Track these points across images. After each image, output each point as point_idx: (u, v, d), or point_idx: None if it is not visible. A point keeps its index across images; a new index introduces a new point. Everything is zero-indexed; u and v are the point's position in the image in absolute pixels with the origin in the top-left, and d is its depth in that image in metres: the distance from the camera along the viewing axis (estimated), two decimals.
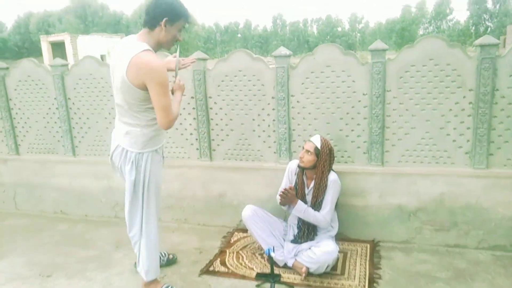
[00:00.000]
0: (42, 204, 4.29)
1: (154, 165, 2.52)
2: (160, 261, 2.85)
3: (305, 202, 2.99)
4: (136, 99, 2.33)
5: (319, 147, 2.93)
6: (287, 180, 3.13)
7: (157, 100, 2.25)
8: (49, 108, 4.07)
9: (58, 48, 30.04)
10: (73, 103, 3.98)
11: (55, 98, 4.00)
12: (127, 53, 2.26)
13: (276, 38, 69.70)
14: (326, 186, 2.93)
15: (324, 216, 2.93)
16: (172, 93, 2.52)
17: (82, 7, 52.78)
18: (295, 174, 3.09)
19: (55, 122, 4.09)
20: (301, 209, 2.94)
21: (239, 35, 71.46)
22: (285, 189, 2.94)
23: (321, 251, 2.79)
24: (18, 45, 49.79)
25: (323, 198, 2.94)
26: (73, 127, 4.05)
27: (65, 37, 29.77)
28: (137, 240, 2.62)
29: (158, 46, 2.38)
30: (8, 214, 4.34)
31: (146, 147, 2.47)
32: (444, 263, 2.96)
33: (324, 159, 2.93)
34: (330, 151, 2.97)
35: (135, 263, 2.72)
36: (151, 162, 2.50)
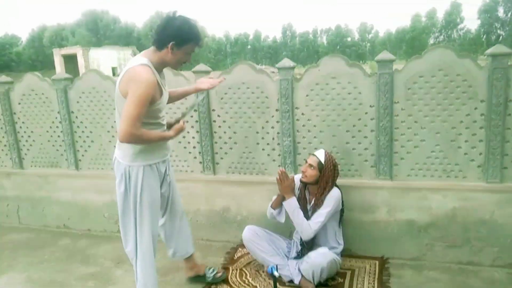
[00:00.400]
0: (45, 218, 4.24)
1: (148, 180, 2.43)
2: (205, 277, 2.94)
3: (308, 218, 2.88)
4: (121, 107, 2.29)
5: (322, 162, 2.83)
6: None
7: (125, 108, 2.17)
8: (53, 122, 4.05)
9: (71, 61, 30.57)
10: (76, 117, 3.95)
11: (58, 112, 3.98)
12: (126, 66, 2.28)
13: (285, 49, 69.98)
14: (323, 201, 2.82)
15: (311, 225, 2.77)
16: (169, 127, 2.46)
17: (94, 20, 53.73)
18: (298, 189, 2.99)
19: (59, 136, 4.06)
20: (292, 206, 2.82)
21: (249, 47, 71.87)
22: (283, 171, 2.81)
23: (315, 253, 2.70)
24: (32, 58, 50.79)
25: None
26: (76, 141, 4.01)
27: (77, 50, 30.31)
28: (133, 256, 2.55)
29: (163, 65, 2.36)
30: (12, 228, 4.29)
31: (136, 160, 2.40)
32: (457, 282, 2.82)
33: (327, 175, 2.83)
34: (335, 167, 2.86)
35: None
36: (144, 177, 2.41)
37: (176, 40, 2.23)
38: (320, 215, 2.79)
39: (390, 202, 3.12)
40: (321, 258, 2.66)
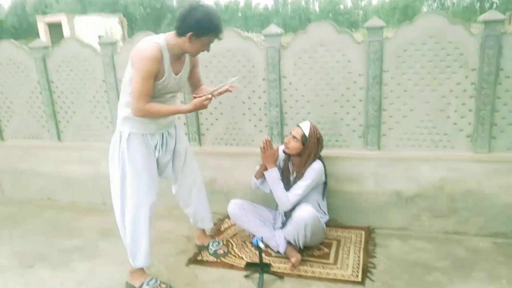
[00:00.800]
0: (28, 190, 4.16)
1: (135, 150, 2.46)
2: (208, 249, 2.93)
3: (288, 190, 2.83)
4: (126, 77, 2.39)
5: (306, 134, 2.76)
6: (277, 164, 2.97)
7: (133, 84, 2.29)
8: (32, 92, 3.90)
9: (55, 29, 29.56)
10: (57, 87, 3.81)
11: (37, 82, 3.83)
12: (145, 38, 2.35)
13: (277, 16, 68.58)
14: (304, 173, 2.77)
15: (289, 197, 2.73)
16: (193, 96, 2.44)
17: None
18: (283, 160, 2.94)
19: (39, 107, 3.93)
20: (273, 176, 2.77)
21: (239, 14, 70.31)
22: (267, 140, 2.74)
23: (299, 209, 2.66)
24: (15, 27, 49.09)
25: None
26: (58, 112, 3.89)
27: (61, 18, 29.27)
28: (122, 224, 2.56)
29: (181, 51, 2.37)
30: None
31: (124, 125, 2.45)
32: (442, 251, 2.84)
33: (310, 148, 2.76)
34: (318, 140, 2.79)
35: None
36: (131, 145, 2.45)
37: (195, 31, 2.25)
38: (299, 188, 2.74)
39: (378, 172, 3.08)
40: (304, 213, 2.61)
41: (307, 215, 2.61)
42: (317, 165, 2.77)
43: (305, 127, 2.78)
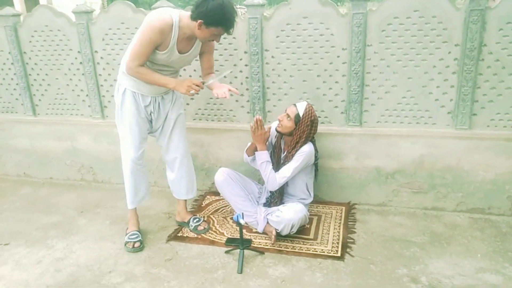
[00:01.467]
0: (3, 166, 4.05)
1: (125, 102, 2.62)
2: (189, 225, 2.94)
3: (279, 169, 2.81)
4: (136, 33, 2.47)
5: (300, 114, 2.68)
6: (268, 142, 2.92)
7: (132, 42, 2.44)
8: (4, 63, 3.73)
9: None
10: (30, 58, 3.64)
11: (9, 52, 3.65)
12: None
13: None
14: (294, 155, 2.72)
15: (277, 178, 2.71)
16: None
17: None
18: (275, 137, 2.88)
19: (12, 79, 3.77)
20: (262, 157, 2.72)
21: None
22: (259, 120, 2.67)
23: (287, 208, 2.65)
24: None
25: None
26: (32, 84, 3.73)
27: None
28: None
29: (191, 32, 2.39)
30: None
31: (122, 80, 2.61)
32: (421, 226, 2.88)
33: (302, 129, 2.68)
34: (312, 122, 2.70)
35: None
36: (124, 99, 2.61)
37: (205, 20, 2.28)
38: (287, 170, 2.71)
39: (359, 149, 3.07)
40: (293, 215, 2.61)
41: (296, 217, 2.61)
42: (307, 148, 2.71)
43: (301, 107, 2.70)
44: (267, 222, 2.75)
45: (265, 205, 2.89)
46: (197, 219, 2.95)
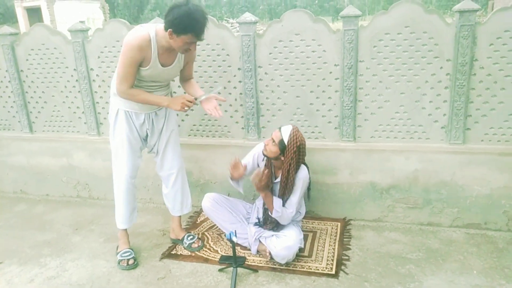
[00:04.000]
0: (1, 183, 4.05)
1: (119, 123, 2.63)
2: (183, 243, 2.92)
3: (271, 192, 2.79)
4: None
5: (285, 141, 2.59)
6: (252, 162, 2.89)
7: (117, 67, 2.45)
8: (1, 81, 3.77)
9: (35, 14, 28.79)
10: (27, 76, 3.68)
11: (6, 71, 3.69)
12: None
13: (263, 2, 67.90)
14: (293, 184, 2.65)
15: (290, 216, 2.70)
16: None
17: None
18: (262, 160, 2.83)
19: (9, 97, 3.80)
20: (277, 206, 2.64)
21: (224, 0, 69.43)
22: (267, 170, 2.61)
23: (281, 246, 2.58)
24: None
25: (290, 194, 2.70)
26: (29, 102, 3.76)
27: (41, 3, 28.46)
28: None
29: (169, 45, 2.39)
30: None
31: (114, 100, 2.64)
32: (416, 242, 2.85)
33: (290, 156, 2.59)
34: (299, 148, 2.60)
35: None
36: (117, 119, 2.63)
37: (174, 28, 2.27)
38: (293, 204, 2.67)
39: (353, 164, 3.07)
40: (287, 252, 2.57)
41: (290, 252, 2.59)
42: (302, 174, 2.66)
43: (285, 132, 2.61)
44: (260, 242, 2.72)
45: (256, 224, 2.86)
46: (191, 237, 2.93)
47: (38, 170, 3.89)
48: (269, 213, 2.73)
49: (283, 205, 2.70)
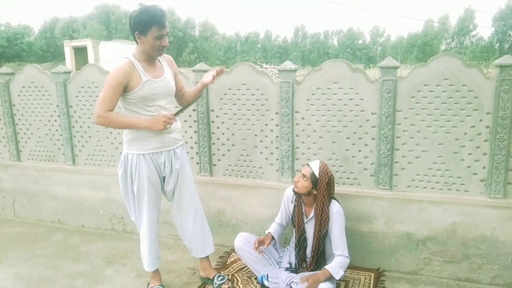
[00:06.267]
0: (40, 212, 4.21)
1: (141, 169, 2.61)
2: (213, 283, 2.90)
3: (304, 232, 2.79)
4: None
5: (316, 174, 2.67)
6: (284, 207, 2.92)
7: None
8: (51, 116, 4.01)
9: (81, 53, 30.66)
10: (75, 111, 3.90)
11: (57, 106, 3.93)
12: None
13: (296, 49, 69.70)
14: (328, 217, 2.67)
15: (344, 255, 2.68)
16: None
17: (106, 14, 53.88)
18: (292, 202, 2.87)
19: (57, 130, 4.02)
20: (335, 273, 2.61)
21: (259, 45, 71.74)
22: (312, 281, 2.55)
23: None
24: (43, 49, 51.02)
25: (327, 230, 2.70)
26: (74, 136, 3.97)
27: (87, 43, 30.35)
28: (138, 227, 2.84)
29: (146, 55, 2.50)
30: (7, 221, 4.27)
31: (130, 148, 2.63)
32: None
33: (323, 188, 2.66)
34: (330, 179, 2.69)
35: None
36: (137, 165, 2.61)
37: (139, 29, 2.39)
38: (341, 240, 2.68)
39: (389, 213, 3.03)
40: None
41: None
42: (335, 207, 2.70)
43: (315, 166, 2.71)
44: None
45: (287, 269, 2.83)
46: (222, 277, 2.92)
47: (77, 202, 4.02)
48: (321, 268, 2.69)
49: (322, 241, 2.71)
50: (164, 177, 2.74)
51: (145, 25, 2.37)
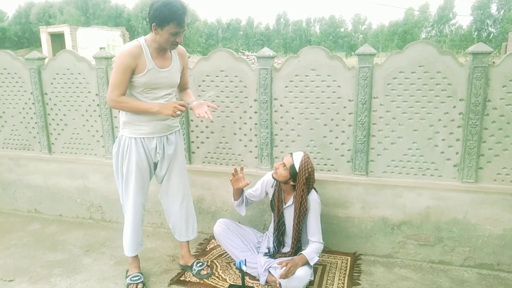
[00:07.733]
0: (16, 202, 4.13)
1: (131, 152, 2.64)
2: (192, 269, 2.93)
3: (282, 217, 2.82)
4: None
5: (296, 167, 2.67)
6: (261, 188, 2.96)
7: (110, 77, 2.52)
8: (25, 103, 3.91)
9: (58, 40, 29.89)
10: (50, 99, 3.82)
11: (31, 93, 3.84)
12: None
13: (278, 36, 69.44)
14: (306, 208, 2.71)
15: (319, 242, 2.75)
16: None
17: None
18: (272, 187, 2.90)
19: (31, 118, 3.93)
20: (310, 258, 2.68)
21: (241, 32, 71.17)
22: (290, 265, 2.61)
23: (291, 277, 2.58)
24: (18, 35, 49.44)
25: (305, 219, 2.75)
26: (50, 124, 3.89)
27: (64, 29, 29.57)
28: (123, 211, 2.83)
29: (158, 46, 2.50)
30: None
31: (124, 130, 2.66)
32: (427, 280, 2.81)
33: (301, 182, 2.67)
34: (310, 175, 2.69)
35: None
36: (128, 148, 2.64)
37: (156, 22, 2.37)
38: (316, 228, 2.75)
39: (365, 198, 3.08)
40: (297, 282, 2.59)
41: (301, 284, 2.61)
42: (313, 196, 2.76)
43: (297, 159, 2.69)
44: (269, 273, 2.72)
45: (266, 254, 2.87)
46: (201, 263, 2.94)
47: (54, 190, 3.97)
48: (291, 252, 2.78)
49: (300, 229, 2.75)
50: (156, 163, 2.77)
51: (164, 19, 2.35)
